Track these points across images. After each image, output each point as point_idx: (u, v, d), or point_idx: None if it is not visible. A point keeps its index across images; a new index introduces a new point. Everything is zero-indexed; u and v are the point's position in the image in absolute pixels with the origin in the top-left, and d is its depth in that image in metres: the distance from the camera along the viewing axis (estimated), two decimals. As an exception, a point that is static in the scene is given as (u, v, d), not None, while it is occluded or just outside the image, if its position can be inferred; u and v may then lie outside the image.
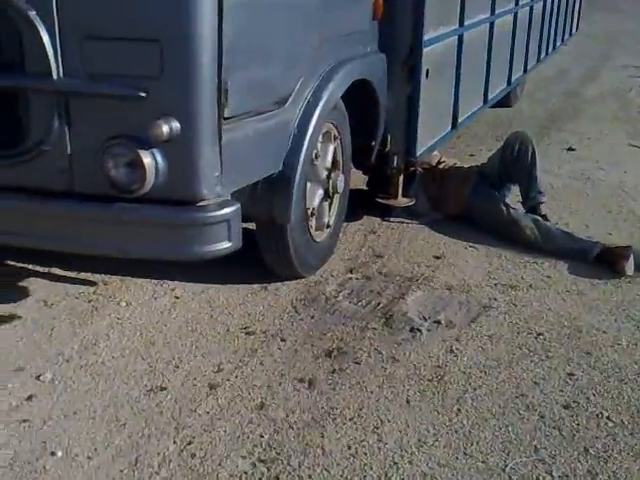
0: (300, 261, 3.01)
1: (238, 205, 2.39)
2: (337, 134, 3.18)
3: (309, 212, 3.00)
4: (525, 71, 6.22)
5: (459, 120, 4.25)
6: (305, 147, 2.72)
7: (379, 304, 2.95)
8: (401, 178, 3.70)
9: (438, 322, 2.82)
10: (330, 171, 3.13)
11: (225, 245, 2.39)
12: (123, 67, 2.21)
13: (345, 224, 3.74)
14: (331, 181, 3.13)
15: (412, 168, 3.74)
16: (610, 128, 6.22)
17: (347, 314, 2.87)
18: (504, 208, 3.68)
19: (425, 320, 2.84)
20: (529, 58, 6.20)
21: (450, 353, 2.61)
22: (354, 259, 3.38)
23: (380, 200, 3.77)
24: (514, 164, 3.79)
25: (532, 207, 3.75)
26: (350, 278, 3.19)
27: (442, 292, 3.08)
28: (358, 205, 3.89)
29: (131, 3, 2.16)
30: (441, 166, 4.06)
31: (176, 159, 2.27)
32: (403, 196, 3.81)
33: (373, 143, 3.49)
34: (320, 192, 3.12)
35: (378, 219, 3.87)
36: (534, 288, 3.14)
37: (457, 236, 3.67)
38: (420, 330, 2.75)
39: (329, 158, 3.14)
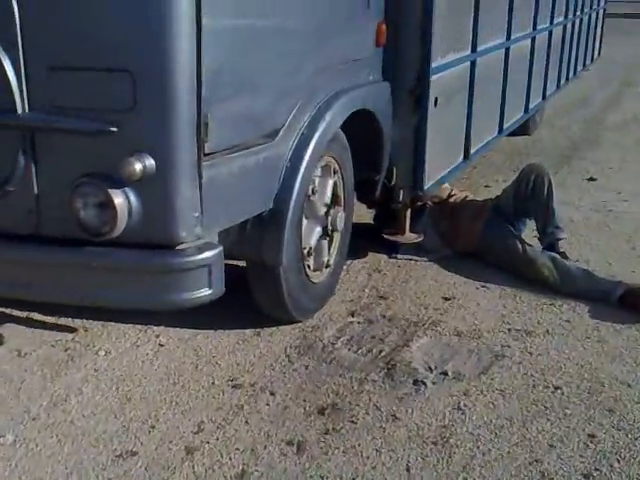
0: (295, 305, 2.79)
1: (220, 248, 2.18)
2: (337, 167, 2.98)
3: (305, 252, 2.79)
4: (544, 98, 5.99)
5: (471, 151, 4.03)
6: (299, 183, 2.52)
7: (381, 352, 2.72)
8: (408, 213, 3.48)
9: (445, 373, 2.58)
10: (329, 207, 2.92)
11: (205, 292, 2.17)
12: (92, 100, 2.02)
13: (348, 262, 3.52)
14: (330, 218, 2.92)
15: (420, 203, 3.51)
16: (633, 156, 5.96)
17: (345, 364, 2.63)
18: (519, 245, 3.43)
19: (431, 371, 2.59)
20: (548, 84, 5.98)
21: (457, 410, 2.36)
22: (356, 301, 3.15)
23: (386, 236, 3.55)
24: (530, 198, 3.54)
25: (550, 244, 3.50)
26: (351, 322, 2.96)
27: (450, 339, 2.83)
28: (363, 241, 3.68)
29: (99, 30, 1.98)
30: (452, 199, 3.82)
31: (151, 199, 2.07)
32: (411, 231, 3.58)
33: (377, 177, 3.28)
34: (318, 230, 2.90)
35: (384, 256, 3.64)
36: (551, 334, 2.88)
37: (468, 275, 3.43)
38: (425, 383, 2.51)
39: (328, 193, 2.93)
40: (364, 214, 4.04)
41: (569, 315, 3.05)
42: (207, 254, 2.14)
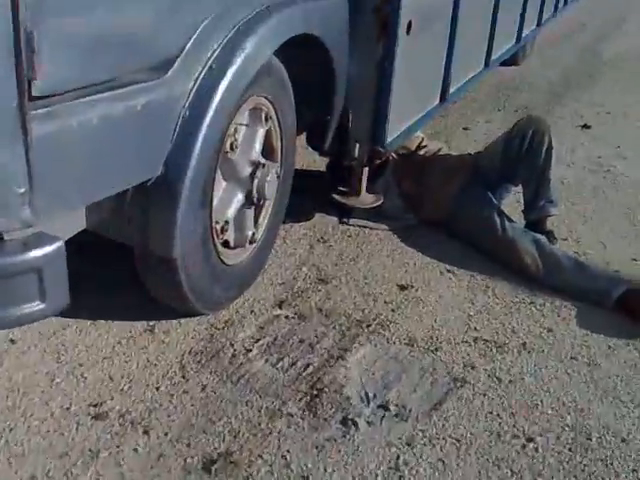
0: (201, 297, 2.12)
1: (59, 243, 1.48)
2: (272, 112, 2.25)
3: (219, 227, 2.10)
4: (539, 24, 5.19)
5: (450, 90, 3.29)
6: (203, 138, 1.78)
7: (308, 367, 2.08)
8: (365, 171, 2.78)
9: (385, 407, 1.94)
10: (257, 166, 2.21)
11: (35, 307, 1.49)
12: None
13: (287, 226, 2.85)
14: (257, 181, 2.22)
15: (379, 160, 2.80)
16: (635, 100, 5.24)
17: (257, 384, 1.99)
18: (498, 220, 2.76)
19: (367, 402, 1.96)
20: (545, 8, 5.16)
21: (394, 472, 1.76)
22: (289, 284, 2.48)
23: (336, 197, 2.86)
24: (522, 159, 2.83)
25: (536, 220, 2.83)
26: (277, 317, 2.31)
27: (400, 349, 2.20)
28: (310, 197, 2.99)
29: None
30: (422, 152, 3.12)
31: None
32: (368, 191, 2.90)
33: (327, 121, 2.56)
34: (239, 197, 2.20)
35: (333, 220, 2.96)
36: (528, 349, 2.26)
37: (433, 253, 2.77)
38: (356, 423, 1.87)
39: (257, 147, 2.22)
40: (317, 160, 3.34)
41: (552, 321, 2.42)
42: (36, 253, 1.44)
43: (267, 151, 2.34)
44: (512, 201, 3.16)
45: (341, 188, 2.92)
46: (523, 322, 2.40)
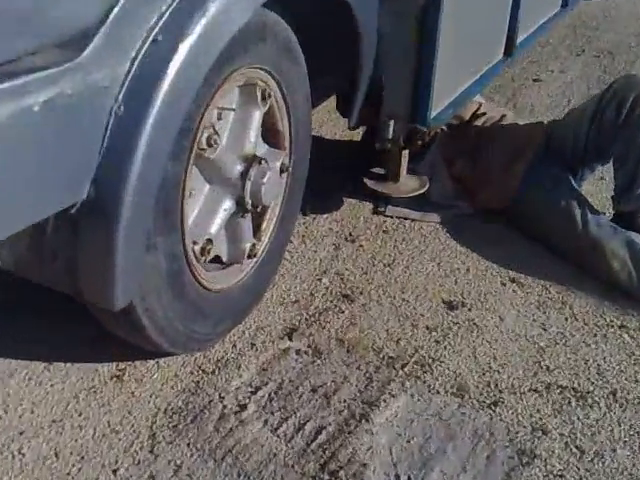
0: (175, 340, 1.60)
1: None
2: (275, 86, 1.69)
3: (197, 250, 1.57)
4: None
5: (518, 40, 2.64)
6: (148, 139, 1.20)
7: (319, 433, 1.55)
8: (405, 152, 2.19)
9: (423, 502, 1.43)
10: (251, 163, 1.66)
11: None
12: None
13: (309, 218, 2.30)
14: (250, 183, 1.66)
15: (421, 142, 2.20)
16: None
17: (248, 463, 1.47)
18: (579, 213, 2.14)
19: (398, 493, 1.45)
20: None
21: None
22: (304, 303, 1.95)
23: (368, 183, 2.28)
24: (618, 132, 2.18)
25: (630, 212, 2.20)
26: (285, 352, 1.78)
27: (445, 402, 1.65)
28: (341, 178, 2.43)
29: None
30: (480, 122, 2.50)
31: None
32: (410, 173, 2.31)
33: (352, 95, 1.97)
34: (228, 205, 1.66)
35: (367, 208, 2.40)
36: (620, 402, 1.66)
37: (493, 255, 2.17)
38: (381, 531, 1.37)
39: (251, 136, 1.66)
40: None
41: (653, 355, 1.84)
42: None
43: (270, 137, 1.78)
44: (598, 185, 2.53)
45: (376, 170, 2.34)
46: (612, 357, 1.81)
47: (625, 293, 2.01)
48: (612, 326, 1.91)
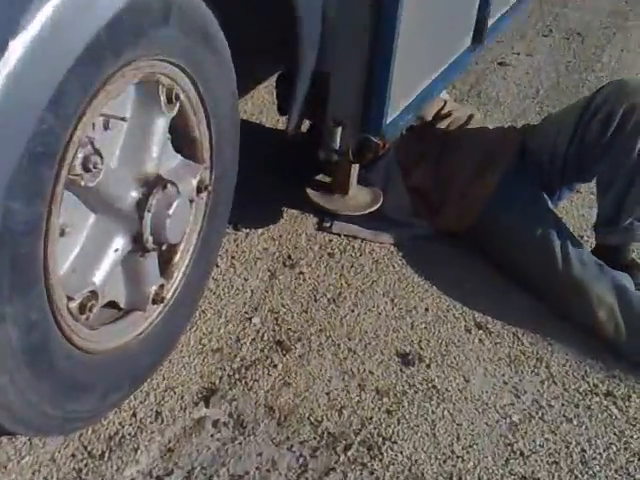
0: (42, 426, 1.19)
1: None
2: (188, 83, 1.28)
3: (73, 307, 1.16)
4: None
5: (489, 21, 2.25)
6: None
7: None
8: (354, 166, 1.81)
9: None
10: (151, 188, 1.26)
11: None
12: None
13: (242, 235, 1.91)
14: (150, 216, 1.25)
15: (373, 155, 1.79)
16: None
17: None
18: (558, 246, 1.80)
19: None
20: None
21: None
22: (227, 353, 1.56)
23: (312, 196, 1.90)
24: (602, 152, 1.84)
25: (612, 248, 1.87)
26: (199, 423, 1.39)
27: (398, 502, 1.33)
28: (283, 175, 2.05)
29: None
30: (443, 124, 2.13)
31: None
32: (361, 183, 1.93)
33: (297, 92, 1.57)
34: (118, 245, 1.24)
35: (311, 223, 2.02)
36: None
37: (455, 291, 1.84)
38: None
39: (152, 151, 1.24)
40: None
41: (643, 433, 1.54)
42: None
43: (184, 147, 1.38)
44: (573, 199, 2.22)
45: (322, 177, 1.96)
46: (598, 438, 1.50)
47: (611, 348, 1.70)
48: (596, 393, 1.60)
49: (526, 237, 1.85)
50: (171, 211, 1.25)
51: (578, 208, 2.24)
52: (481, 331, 1.73)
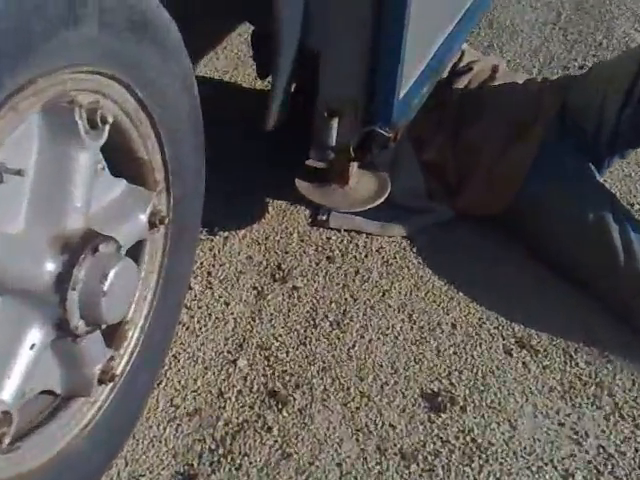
0: None
1: None
2: (124, 94, 0.90)
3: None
4: None
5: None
6: None
7: None
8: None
9: None
10: (81, 247, 0.87)
11: None
12: None
13: (220, 237, 1.55)
14: (76, 295, 0.85)
15: (385, 147, 1.39)
16: None
17: None
18: (616, 234, 1.43)
19: None
20: None
21: None
22: (206, 416, 1.22)
23: (302, 190, 1.52)
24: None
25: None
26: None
27: None
28: (266, 158, 1.67)
29: None
30: (462, 81, 1.70)
31: None
32: (362, 167, 1.54)
33: (278, 73, 1.17)
34: (35, 339, 0.85)
35: (302, 217, 1.65)
36: None
37: (487, 296, 1.47)
38: None
39: (75, 200, 0.86)
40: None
41: None
42: None
43: (128, 169, 1.00)
44: (623, 183, 1.83)
45: (313, 161, 1.57)
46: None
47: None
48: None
49: (575, 222, 1.48)
50: (106, 285, 0.88)
51: (623, 167, 1.86)
52: (524, 351, 1.39)
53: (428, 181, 1.63)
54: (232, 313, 1.41)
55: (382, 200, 1.51)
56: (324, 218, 1.60)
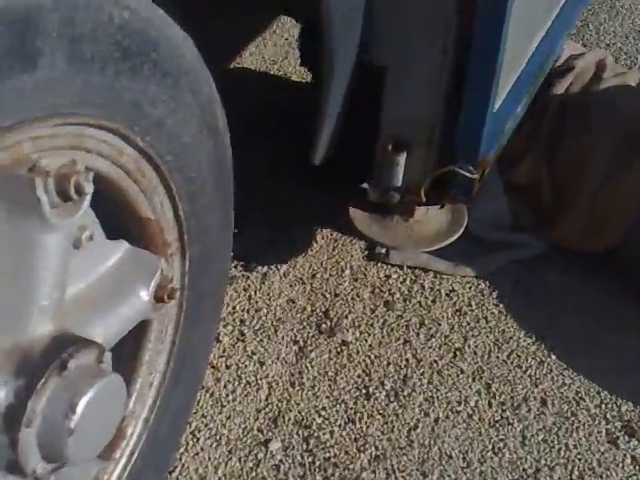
0: None
1: None
2: (115, 143, 0.64)
3: None
4: None
5: None
6: None
7: None
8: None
9: None
10: (39, 367, 0.60)
11: None
12: None
13: (259, 273, 1.28)
14: (33, 435, 0.59)
15: (470, 191, 1.09)
16: None
17: None
18: None
19: None
20: None
21: None
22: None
23: (358, 225, 1.23)
24: None
25: None
26: None
27: None
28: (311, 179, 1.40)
29: None
30: (562, 83, 1.38)
31: None
32: (434, 198, 1.25)
33: (327, 96, 0.88)
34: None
35: (356, 250, 1.37)
36: None
37: (587, 361, 1.17)
38: None
39: (37, 298, 0.61)
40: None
41: None
42: None
43: (128, 228, 0.75)
44: None
45: (372, 187, 1.28)
46: None
47: None
48: None
49: None
50: (74, 420, 0.62)
51: None
52: (634, 441, 1.09)
53: (515, 209, 1.33)
54: (267, 376, 1.15)
55: (456, 237, 1.22)
56: (383, 252, 1.32)
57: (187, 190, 0.78)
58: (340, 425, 1.09)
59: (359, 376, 1.16)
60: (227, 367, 1.16)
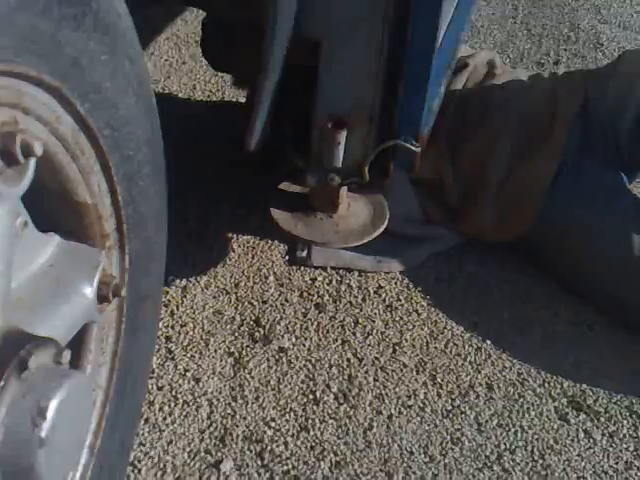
0: None
1: None
2: (48, 111, 0.55)
3: None
4: None
5: None
6: None
7: None
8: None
9: None
10: None
11: None
12: None
13: (178, 287, 1.17)
14: None
15: (412, 167, 1.08)
16: None
17: None
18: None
19: None
20: None
21: None
22: None
23: (280, 222, 1.18)
24: None
25: None
26: None
27: None
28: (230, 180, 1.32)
29: None
30: (459, 82, 1.40)
31: None
32: (351, 190, 1.22)
33: (262, 86, 0.82)
34: None
35: (277, 253, 1.31)
36: None
37: (520, 342, 1.19)
38: None
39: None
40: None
41: None
42: None
43: (62, 219, 0.64)
44: None
45: (287, 185, 1.23)
46: None
47: None
48: None
49: (616, 254, 1.21)
50: (44, 428, 0.51)
51: None
52: (582, 414, 1.10)
53: (423, 203, 1.33)
54: (205, 393, 1.05)
55: (383, 229, 1.19)
56: (304, 255, 1.26)
57: (125, 171, 0.69)
58: (293, 435, 1.01)
59: (303, 382, 1.08)
60: (159, 388, 1.04)
